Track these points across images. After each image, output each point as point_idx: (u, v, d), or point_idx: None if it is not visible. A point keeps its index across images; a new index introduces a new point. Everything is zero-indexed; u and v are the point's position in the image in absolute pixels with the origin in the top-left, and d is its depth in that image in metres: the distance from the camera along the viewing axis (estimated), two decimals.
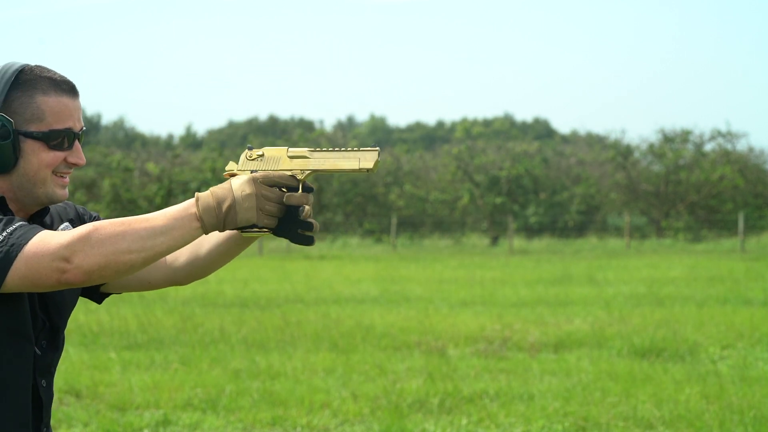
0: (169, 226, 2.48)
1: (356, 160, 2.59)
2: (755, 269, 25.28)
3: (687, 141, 47.14)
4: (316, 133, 53.04)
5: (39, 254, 2.43)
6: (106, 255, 2.42)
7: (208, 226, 2.51)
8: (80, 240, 2.42)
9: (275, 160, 2.63)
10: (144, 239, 2.45)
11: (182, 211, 2.51)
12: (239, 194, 2.52)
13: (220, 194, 2.52)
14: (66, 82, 2.66)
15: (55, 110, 2.62)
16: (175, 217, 2.50)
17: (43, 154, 2.61)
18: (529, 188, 45.97)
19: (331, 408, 8.95)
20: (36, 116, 2.60)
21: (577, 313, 15.74)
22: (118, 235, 2.44)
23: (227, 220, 2.51)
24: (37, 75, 2.63)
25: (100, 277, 2.44)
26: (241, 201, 2.51)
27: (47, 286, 2.46)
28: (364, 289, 20.22)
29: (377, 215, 45.98)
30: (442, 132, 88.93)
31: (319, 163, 2.61)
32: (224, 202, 2.51)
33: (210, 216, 2.50)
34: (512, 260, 31.25)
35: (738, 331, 13.51)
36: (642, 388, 9.71)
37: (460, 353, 12.05)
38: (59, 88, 2.64)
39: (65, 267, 2.42)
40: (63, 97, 2.64)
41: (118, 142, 76.61)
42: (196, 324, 14.33)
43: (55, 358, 2.71)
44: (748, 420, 8.37)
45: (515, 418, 8.57)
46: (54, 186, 2.64)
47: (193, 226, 2.50)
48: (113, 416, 8.67)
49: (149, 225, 2.47)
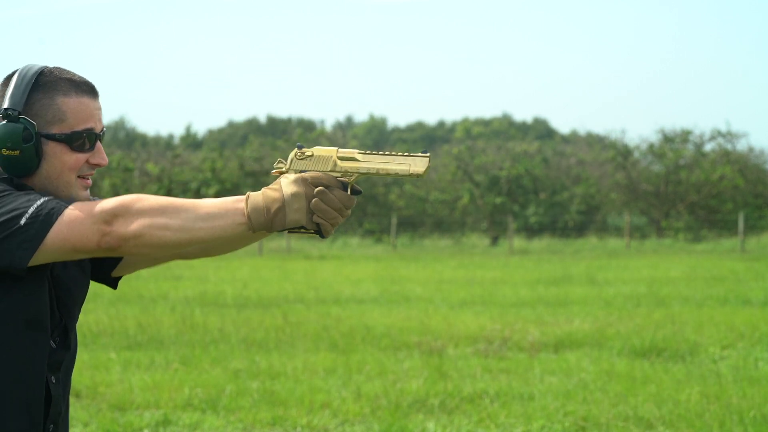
0: (213, 214, 2.48)
1: (407, 165, 2.58)
2: (755, 269, 25.28)
3: (687, 141, 47.15)
4: (316, 133, 53.03)
5: (81, 217, 2.45)
6: (143, 225, 2.43)
7: (255, 224, 2.50)
8: (123, 206, 2.44)
9: (324, 160, 2.61)
10: (184, 219, 2.45)
11: (230, 204, 2.51)
12: (289, 195, 2.51)
13: (271, 196, 2.52)
14: (86, 83, 2.66)
15: (76, 111, 2.62)
16: (221, 207, 2.49)
17: (65, 156, 2.62)
18: (529, 188, 45.97)
19: (331, 408, 8.95)
20: (57, 118, 2.61)
21: (577, 313, 15.74)
22: (160, 208, 2.44)
23: (275, 221, 2.51)
24: (57, 77, 2.63)
25: (134, 246, 2.45)
26: (290, 202, 2.51)
27: (86, 250, 2.47)
28: (364, 289, 20.22)
29: (377, 215, 45.98)
30: (442, 132, 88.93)
31: (369, 165, 2.59)
32: (274, 203, 2.51)
33: (258, 215, 2.50)
34: (512, 260, 31.25)
35: (738, 331, 13.51)
36: (642, 388, 9.71)
37: (460, 353, 12.05)
38: (79, 89, 2.64)
39: (105, 230, 2.44)
40: (83, 97, 2.64)
41: (119, 142, 76.59)
42: (196, 324, 14.32)
43: (67, 358, 2.70)
44: (748, 420, 8.37)
45: (515, 418, 8.57)
46: (78, 188, 2.65)
47: (238, 220, 2.49)
48: (113, 416, 8.67)
49: (193, 206, 2.47)
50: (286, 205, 2.51)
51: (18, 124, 2.57)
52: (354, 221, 45.92)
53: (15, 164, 2.58)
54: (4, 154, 2.58)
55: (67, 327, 2.70)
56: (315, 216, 2.54)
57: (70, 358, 2.72)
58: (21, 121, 2.58)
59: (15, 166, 2.59)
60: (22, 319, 2.56)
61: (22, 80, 2.61)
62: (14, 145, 2.57)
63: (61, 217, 2.45)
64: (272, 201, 2.50)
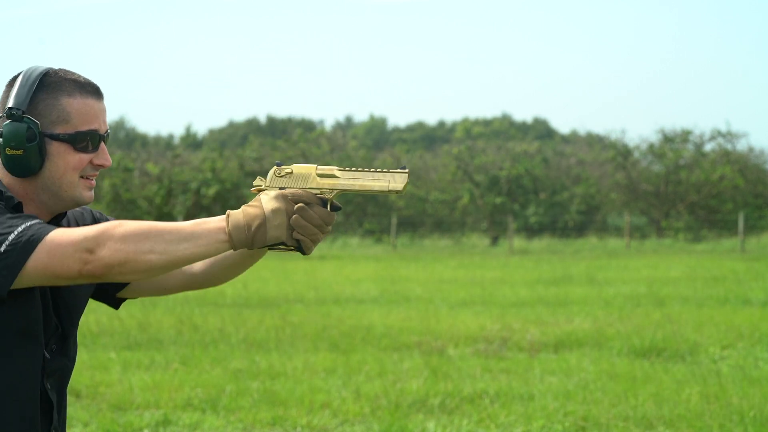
0: (196, 235, 2.49)
1: (386, 181, 2.59)
2: (755, 269, 25.28)
3: (687, 141, 47.14)
4: (316, 133, 53.03)
5: (63, 244, 2.44)
6: (128, 252, 2.43)
7: (236, 242, 2.51)
8: (105, 233, 2.43)
9: (304, 177, 2.62)
10: (168, 242, 2.46)
11: (211, 223, 2.52)
12: (269, 211, 2.52)
13: (251, 213, 2.53)
14: (90, 84, 2.66)
15: (81, 112, 2.62)
16: (203, 227, 2.51)
17: (69, 156, 2.62)
18: (529, 188, 45.96)
19: (331, 408, 8.94)
20: (62, 118, 2.61)
21: (577, 313, 15.74)
22: (143, 233, 2.44)
23: (256, 238, 2.52)
24: (62, 77, 2.63)
25: (120, 273, 2.45)
26: (271, 218, 2.52)
27: (67, 278, 2.46)
28: (364, 289, 20.21)
29: (377, 215, 45.98)
30: (442, 132, 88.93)
31: (348, 183, 2.61)
32: (255, 220, 2.52)
33: (239, 233, 2.51)
34: (512, 260, 31.24)
35: (738, 331, 13.50)
36: (642, 388, 9.71)
37: (460, 353, 12.05)
38: (84, 90, 2.64)
39: (88, 258, 2.43)
40: (88, 99, 2.64)
41: (119, 142, 76.58)
42: (196, 324, 14.32)
43: (65, 364, 2.70)
44: (748, 420, 8.37)
45: (515, 418, 8.56)
46: (81, 189, 2.65)
47: (220, 238, 2.50)
48: (113, 416, 8.67)
49: (176, 229, 2.48)
50: (267, 222, 2.52)
51: (22, 123, 2.57)
52: (354, 221, 45.93)
53: (18, 164, 2.58)
54: (8, 153, 2.58)
55: (66, 334, 2.69)
56: (295, 232, 2.55)
57: (68, 364, 2.71)
58: (25, 120, 2.58)
59: (18, 166, 2.59)
60: (13, 332, 2.55)
61: (26, 80, 2.61)
62: (18, 145, 2.57)
63: (42, 243, 2.44)
64: (253, 218, 2.52)
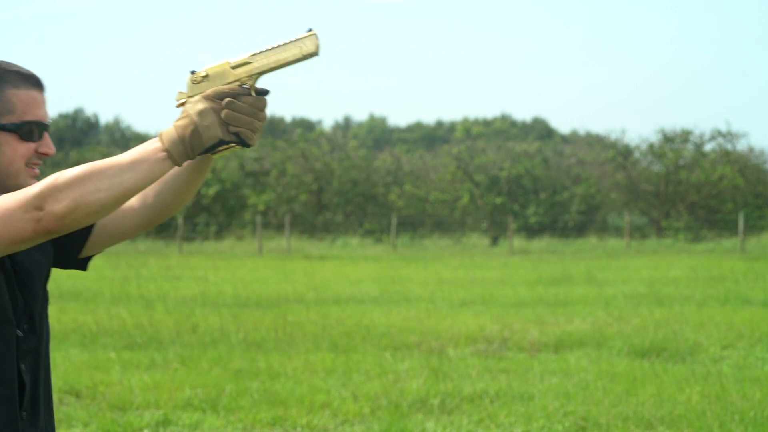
0: (136, 161, 2.50)
1: (298, 48, 2.58)
2: (755, 269, 25.27)
3: (687, 141, 47.13)
4: (316, 133, 53.01)
5: (10, 209, 2.45)
6: (75, 197, 2.44)
7: (176, 156, 2.51)
8: (48, 187, 2.44)
9: (221, 75, 2.61)
10: (111, 177, 2.47)
11: (147, 146, 2.53)
12: (196, 115, 2.52)
13: (180, 123, 2.53)
14: (33, 76, 2.70)
15: (26, 103, 2.66)
16: (140, 152, 2.51)
17: (16, 145, 2.65)
18: (529, 188, 45.95)
19: (331, 408, 8.94)
20: (7, 109, 2.64)
21: (577, 313, 15.74)
22: (85, 176, 2.46)
23: (194, 144, 2.51)
24: (5, 69, 2.66)
25: (74, 220, 2.46)
26: (200, 120, 2.52)
27: (23, 240, 2.47)
28: (364, 289, 20.21)
29: (377, 215, 45.96)
30: (442, 132, 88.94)
31: (262, 64, 2.60)
32: (186, 128, 2.51)
33: (175, 145, 2.50)
34: (512, 260, 31.24)
35: (738, 331, 13.50)
36: (642, 388, 9.71)
37: (460, 353, 12.04)
38: (28, 81, 2.68)
39: (38, 215, 2.44)
40: (32, 90, 2.68)
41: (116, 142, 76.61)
42: (196, 324, 14.32)
43: (38, 343, 2.71)
44: (748, 420, 8.37)
45: (515, 418, 8.56)
46: (26, 177, 2.67)
47: (160, 156, 2.50)
48: (113, 416, 8.66)
49: (115, 163, 2.49)
50: (198, 125, 2.51)
51: None
52: (354, 221, 45.92)
53: None
54: None
55: (33, 311, 2.70)
56: (231, 127, 2.54)
57: (41, 343, 2.72)
58: None
59: None
60: None
61: None
62: None
63: None
64: (183, 127, 2.52)
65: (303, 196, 46.54)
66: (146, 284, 20.77)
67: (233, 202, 47.00)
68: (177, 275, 24.07)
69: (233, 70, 2.61)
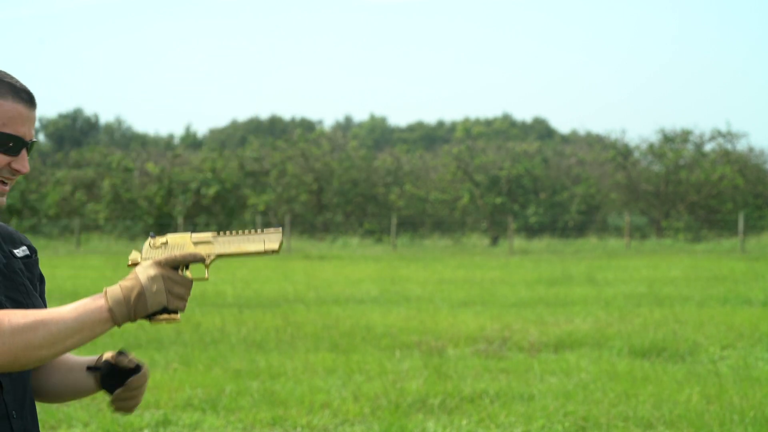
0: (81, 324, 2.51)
1: (261, 242, 2.61)
2: (755, 269, 25.28)
3: (687, 141, 47.13)
4: (316, 133, 53.01)
5: None
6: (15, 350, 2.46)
7: (119, 317, 2.51)
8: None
9: (180, 246, 2.63)
10: (54, 336, 2.48)
11: (91, 305, 2.52)
12: (145, 279, 2.53)
13: (128, 284, 2.53)
14: (26, 91, 2.65)
15: (10, 115, 2.60)
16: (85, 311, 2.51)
17: None
18: (529, 188, 45.96)
19: (331, 408, 8.94)
20: None
21: (577, 313, 15.74)
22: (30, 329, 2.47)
23: (138, 308, 2.52)
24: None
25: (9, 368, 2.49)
26: (148, 285, 2.52)
27: None
28: (364, 289, 20.21)
29: (377, 215, 45.96)
30: (442, 132, 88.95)
31: (223, 247, 2.63)
32: (133, 290, 2.52)
33: (120, 306, 2.51)
34: (512, 260, 31.24)
35: (738, 331, 13.50)
36: (642, 388, 9.71)
37: (460, 353, 12.05)
38: (18, 95, 2.63)
39: None
40: (20, 104, 2.62)
41: (116, 143, 76.60)
42: (196, 324, 14.32)
43: None
44: (748, 420, 8.37)
45: (515, 418, 8.56)
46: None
47: (104, 318, 2.51)
48: (113, 416, 8.66)
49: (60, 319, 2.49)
50: (145, 290, 2.52)
51: None
52: (354, 221, 45.92)
53: None
54: None
55: None
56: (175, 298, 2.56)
57: None
58: None
59: None
60: None
61: None
62: None
63: None
64: (130, 289, 2.52)
65: (303, 196, 46.54)
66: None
67: (233, 202, 47.00)
68: None
69: (193, 246, 2.63)
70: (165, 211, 46.42)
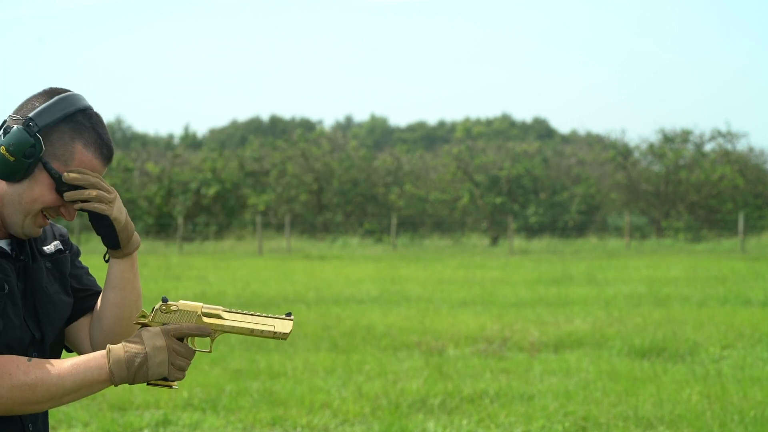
0: (79, 382, 2.54)
1: (271, 326, 2.62)
2: (755, 269, 25.28)
3: (687, 141, 47.12)
4: (316, 133, 53.00)
5: None
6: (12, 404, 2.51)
7: (117, 379, 2.54)
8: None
9: (189, 315, 2.63)
10: (53, 394, 2.53)
11: (93, 363, 2.54)
12: (151, 348, 2.55)
13: (133, 349, 2.55)
14: (109, 147, 2.69)
15: (83, 164, 2.65)
16: (87, 370, 2.54)
17: (46, 190, 2.63)
18: (529, 188, 45.95)
19: (331, 408, 8.94)
20: (64, 158, 2.63)
21: (577, 313, 15.74)
22: (30, 389, 2.51)
23: (138, 375, 2.55)
24: (91, 125, 2.66)
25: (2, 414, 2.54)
26: (153, 355, 2.54)
27: None
28: (364, 289, 20.21)
29: (377, 215, 45.95)
30: (442, 132, 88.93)
31: (232, 325, 2.63)
32: (136, 357, 2.54)
33: (121, 370, 2.54)
34: (512, 260, 31.24)
35: (738, 331, 13.50)
36: (642, 388, 9.71)
37: (460, 353, 12.05)
38: (100, 150, 2.67)
39: None
40: (97, 159, 2.66)
41: (116, 143, 76.51)
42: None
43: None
44: (748, 420, 8.37)
45: (515, 418, 8.56)
46: (34, 222, 2.66)
47: (103, 379, 2.54)
48: (113, 416, 8.67)
49: (59, 380, 2.52)
50: (149, 359, 2.54)
51: (30, 138, 2.60)
52: (354, 221, 45.91)
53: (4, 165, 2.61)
54: (1, 152, 2.60)
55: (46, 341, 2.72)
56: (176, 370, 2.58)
57: None
58: (34, 137, 2.60)
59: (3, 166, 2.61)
60: None
61: (62, 104, 2.64)
62: (15, 152, 2.59)
63: None
64: (134, 354, 2.55)
65: (303, 196, 46.54)
66: (146, 284, 20.77)
67: (233, 202, 47.00)
68: (177, 275, 24.07)
69: (203, 317, 2.62)
70: (165, 211, 46.42)
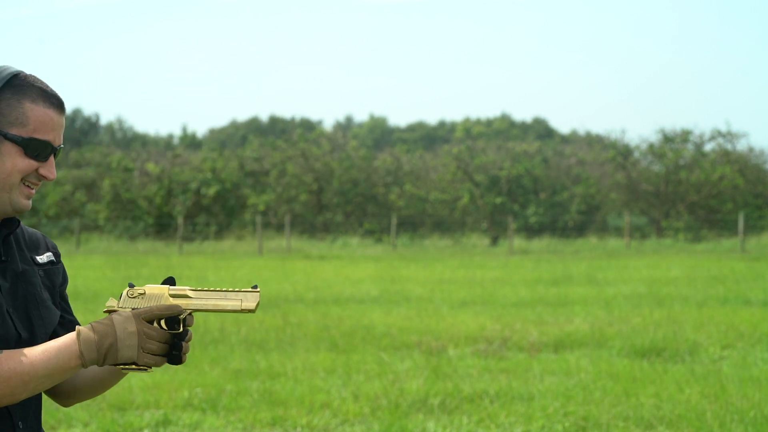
0: (52, 368, 2.53)
1: (238, 301, 2.61)
2: (755, 269, 25.27)
3: (687, 141, 47.13)
4: (316, 133, 52.99)
5: None
6: None
7: (87, 361, 2.53)
8: None
9: (156, 298, 2.63)
10: (27, 383, 2.52)
11: (65, 349, 2.53)
12: (121, 332, 2.53)
13: (102, 330, 2.53)
14: (56, 96, 2.66)
15: (40, 120, 2.62)
16: (58, 354, 2.53)
17: (18, 159, 2.61)
18: (529, 188, 45.96)
19: (331, 408, 8.94)
20: (20, 121, 2.60)
21: (577, 313, 15.74)
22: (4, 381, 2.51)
23: (108, 357, 2.53)
24: (30, 83, 2.63)
25: None
26: (123, 338, 2.53)
27: None
28: (364, 289, 20.21)
29: (377, 215, 45.96)
30: (442, 132, 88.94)
31: (200, 302, 2.63)
32: (106, 339, 2.53)
33: (90, 352, 2.52)
34: (512, 260, 31.24)
35: (738, 331, 13.50)
36: (642, 388, 9.71)
37: (460, 353, 12.04)
38: (48, 100, 2.64)
39: None
40: (50, 110, 2.64)
41: (116, 143, 76.57)
42: (197, 324, 14.32)
43: None
44: (748, 420, 8.37)
45: (515, 418, 8.56)
46: (20, 195, 2.65)
47: (73, 363, 2.54)
48: (113, 416, 8.67)
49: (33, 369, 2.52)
50: (118, 341, 2.53)
51: None
52: (354, 221, 45.91)
53: None
54: None
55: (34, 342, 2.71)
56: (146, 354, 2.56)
57: None
58: None
59: None
60: None
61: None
62: None
63: None
64: (103, 336, 2.53)
65: (303, 196, 46.54)
66: (146, 284, 20.76)
67: (233, 202, 47.00)
68: (177, 275, 24.06)
69: (171, 299, 2.63)
70: (165, 211, 46.43)
